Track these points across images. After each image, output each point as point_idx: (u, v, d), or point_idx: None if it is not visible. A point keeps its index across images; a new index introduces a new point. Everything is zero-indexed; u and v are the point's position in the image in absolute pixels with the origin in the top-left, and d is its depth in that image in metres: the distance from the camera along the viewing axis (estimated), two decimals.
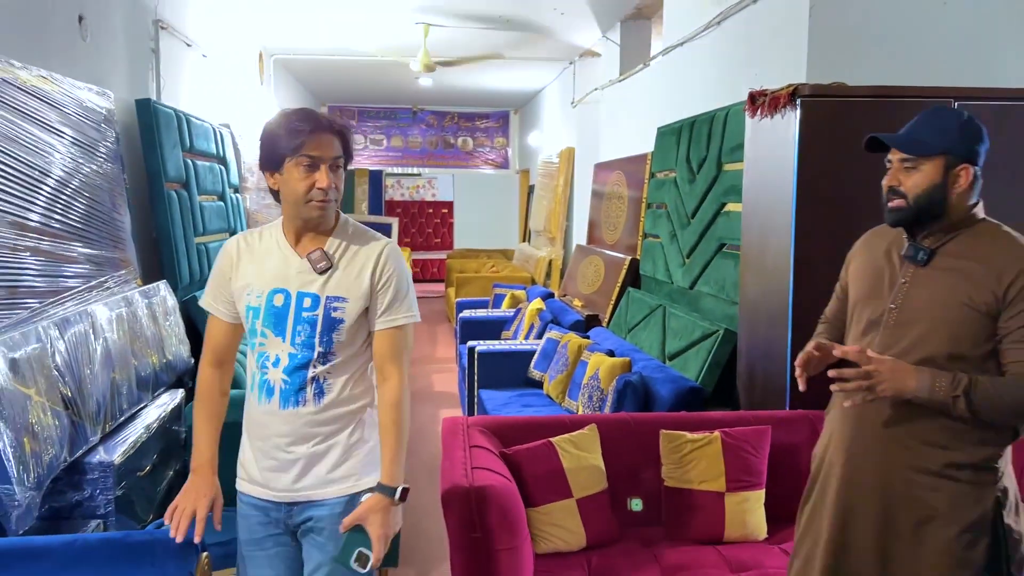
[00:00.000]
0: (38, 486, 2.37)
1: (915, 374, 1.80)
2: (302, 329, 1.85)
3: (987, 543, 1.83)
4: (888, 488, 1.89)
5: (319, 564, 1.88)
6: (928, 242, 1.89)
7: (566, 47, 8.14)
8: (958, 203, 1.87)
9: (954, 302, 1.82)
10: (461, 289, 9.41)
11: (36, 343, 2.59)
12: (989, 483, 1.83)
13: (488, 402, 4.71)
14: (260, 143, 1.87)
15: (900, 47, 3.51)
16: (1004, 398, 1.75)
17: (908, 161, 1.89)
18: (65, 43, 3.52)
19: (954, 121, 1.89)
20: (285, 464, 1.87)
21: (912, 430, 1.85)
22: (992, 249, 1.83)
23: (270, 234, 1.95)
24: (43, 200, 3.01)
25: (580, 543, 2.63)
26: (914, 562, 1.87)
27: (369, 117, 13.00)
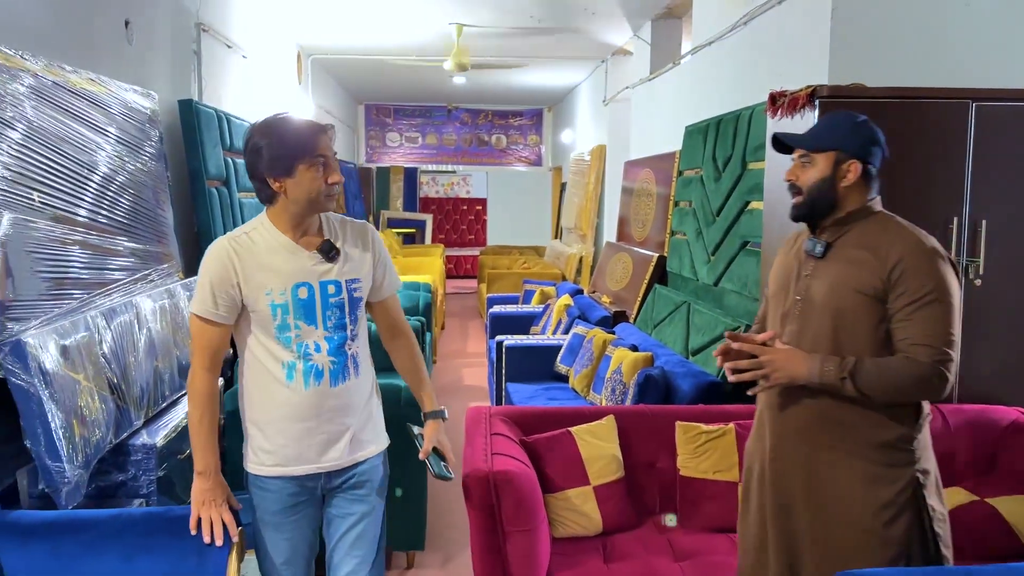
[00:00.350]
0: (86, 465, 2.53)
1: (806, 360, 1.93)
2: (331, 314, 2.04)
3: (908, 522, 1.92)
4: (810, 471, 2.00)
5: (362, 513, 2.14)
6: (826, 236, 2.01)
7: (598, 46, 8.22)
8: (847, 196, 1.98)
9: (847, 290, 1.93)
10: (492, 285, 9.53)
11: (85, 331, 2.76)
12: (905, 463, 1.93)
13: (515, 395, 4.82)
14: (259, 152, 1.97)
15: (922, 48, 3.54)
16: (887, 377, 1.86)
17: (804, 157, 2.02)
18: (112, 47, 3.69)
19: (848, 121, 2.01)
20: (336, 436, 2.07)
21: (826, 413, 1.96)
22: (881, 237, 1.93)
23: (260, 235, 2.04)
24: (91, 196, 3.18)
25: (596, 528, 2.73)
26: (838, 543, 1.97)
27: (405, 115, 13.19)
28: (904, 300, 1.88)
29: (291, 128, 1.99)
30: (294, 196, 1.99)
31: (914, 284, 1.87)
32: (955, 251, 3.14)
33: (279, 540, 2.11)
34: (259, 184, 2.02)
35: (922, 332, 1.86)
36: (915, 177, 3.14)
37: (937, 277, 1.88)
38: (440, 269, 9.91)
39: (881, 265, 1.90)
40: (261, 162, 1.98)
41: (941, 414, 3.06)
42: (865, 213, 2.00)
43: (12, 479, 2.45)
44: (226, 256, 2.01)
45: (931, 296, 1.86)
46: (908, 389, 1.88)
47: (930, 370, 1.85)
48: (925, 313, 1.86)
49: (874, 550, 1.93)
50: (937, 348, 1.86)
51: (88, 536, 2.03)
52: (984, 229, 3.14)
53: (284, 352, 2.03)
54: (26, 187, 2.70)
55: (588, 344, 4.69)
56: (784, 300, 2.09)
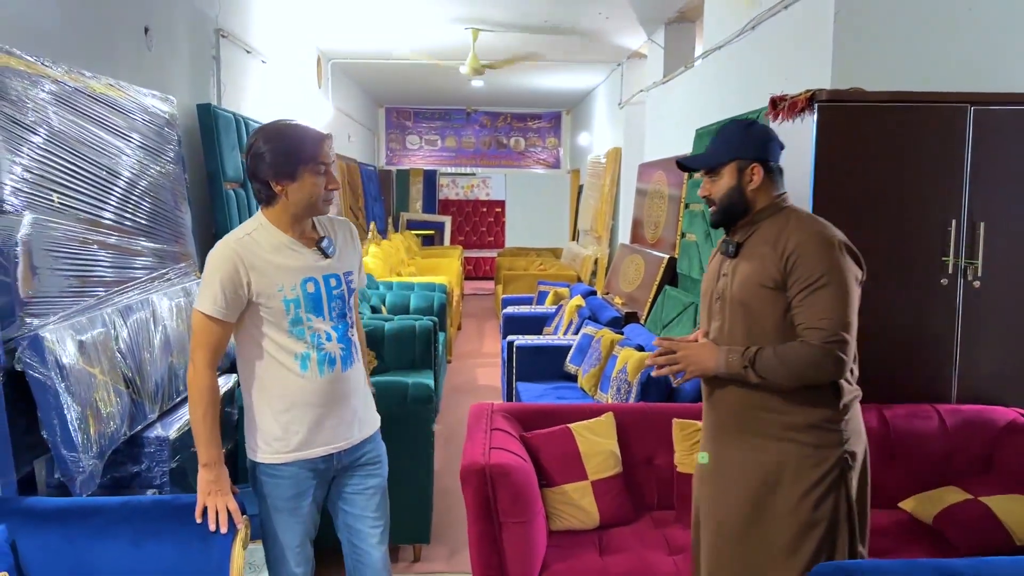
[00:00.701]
0: (100, 455, 2.64)
1: (714, 353, 2.05)
2: (335, 305, 2.21)
3: (834, 503, 2.01)
4: (744, 459, 2.10)
5: (377, 486, 2.34)
6: (737, 236, 2.14)
7: (614, 49, 8.27)
8: (756, 197, 2.11)
9: (752, 285, 2.05)
10: (508, 286, 9.61)
11: (101, 327, 2.87)
12: (831, 444, 2.02)
13: (524, 394, 4.89)
14: (262, 155, 2.09)
15: (924, 52, 3.57)
16: (784, 362, 1.96)
17: (710, 173, 2.15)
18: (132, 53, 3.82)
19: (739, 130, 2.14)
20: (347, 416, 2.24)
21: (754, 402, 2.07)
22: (781, 232, 2.05)
23: (262, 235, 2.16)
24: (110, 197, 3.29)
25: (594, 522, 2.80)
26: (768, 527, 2.06)
27: (424, 118, 13.32)
28: (798, 287, 1.99)
29: (297, 134, 2.12)
30: (295, 199, 2.12)
31: (806, 271, 1.98)
32: (953, 253, 3.17)
33: (293, 524, 2.23)
34: (260, 185, 2.13)
35: (814, 315, 1.97)
36: (914, 180, 3.18)
37: (828, 263, 1.97)
38: (457, 270, 10.00)
39: (779, 257, 2.02)
40: (264, 165, 2.09)
41: (938, 414, 3.10)
42: (772, 211, 2.11)
43: (29, 468, 2.56)
44: (235, 256, 2.10)
45: (822, 281, 1.96)
46: (804, 372, 1.97)
47: (821, 352, 1.95)
48: (816, 297, 1.97)
49: (803, 531, 2.02)
50: (827, 330, 1.95)
51: (99, 522, 2.12)
52: (982, 231, 3.17)
53: (297, 344, 2.15)
54: (47, 188, 2.81)
55: (596, 344, 4.75)
56: (709, 299, 2.23)
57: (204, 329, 2.13)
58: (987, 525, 2.69)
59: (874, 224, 3.18)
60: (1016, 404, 3.19)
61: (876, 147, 3.18)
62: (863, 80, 3.39)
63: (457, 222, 15.46)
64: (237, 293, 2.10)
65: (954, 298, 3.21)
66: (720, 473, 2.18)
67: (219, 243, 2.15)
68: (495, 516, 2.43)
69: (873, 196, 3.19)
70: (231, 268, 2.09)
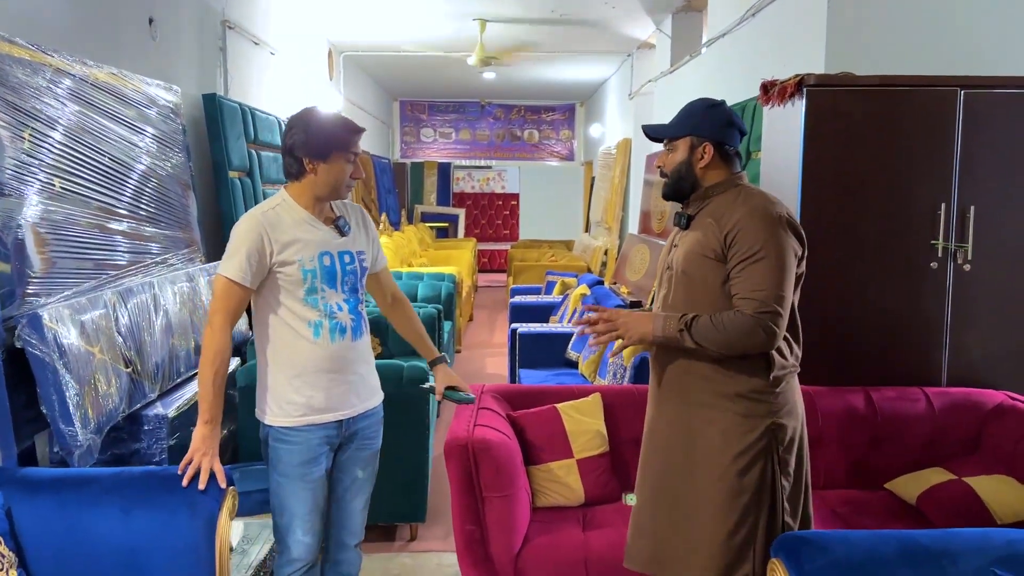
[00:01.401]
0: (98, 431, 2.72)
1: (651, 319, 2.10)
2: (347, 279, 2.35)
3: (760, 472, 2.05)
4: (678, 421, 2.16)
5: (370, 457, 2.47)
6: (690, 209, 2.19)
7: (623, 39, 8.29)
8: (706, 174, 2.16)
9: (695, 256, 2.10)
10: (518, 277, 9.66)
11: (102, 309, 2.95)
12: (759, 414, 2.07)
13: (526, 380, 4.95)
14: (308, 134, 2.25)
15: (916, 37, 3.58)
16: (718, 330, 2.00)
17: (669, 144, 2.21)
18: (136, 43, 3.90)
19: (701, 108, 2.18)
20: (355, 384, 2.37)
21: (691, 368, 2.12)
22: (728, 207, 2.09)
23: (284, 210, 2.31)
24: (114, 184, 3.38)
25: (579, 499, 2.85)
26: (696, 493, 2.11)
27: (438, 111, 13.39)
28: (736, 259, 2.04)
29: (337, 121, 2.32)
30: (322, 179, 2.28)
31: (745, 243, 2.02)
32: (943, 237, 3.18)
33: (303, 490, 2.31)
34: (292, 160, 2.29)
35: (748, 287, 2.02)
36: (904, 164, 3.18)
37: (766, 236, 2.02)
38: (469, 261, 10.06)
39: (721, 229, 2.07)
40: (301, 141, 2.26)
41: (926, 396, 3.11)
42: (725, 187, 2.15)
43: (30, 442, 2.65)
44: (260, 227, 2.26)
45: (760, 254, 2.01)
46: (736, 341, 2.01)
47: (752, 322, 1.99)
48: (752, 270, 2.01)
49: (728, 498, 2.07)
50: (760, 301, 1.99)
51: (91, 491, 2.20)
52: (972, 215, 3.17)
53: (311, 312, 2.29)
54: (48, 174, 2.90)
55: None
56: (660, 270, 2.29)
57: (226, 293, 2.25)
58: (968, 504, 2.71)
59: (864, 208, 3.20)
60: (1006, 387, 3.19)
61: (865, 131, 3.19)
62: (856, 64, 3.40)
63: (473, 215, 15.53)
64: (261, 262, 2.24)
65: (944, 281, 3.21)
66: (656, 434, 2.25)
67: (245, 216, 2.30)
68: (477, 490, 2.49)
69: (862, 180, 3.20)
70: (256, 237, 2.24)
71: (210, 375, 2.23)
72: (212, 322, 2.26)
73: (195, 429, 2.25)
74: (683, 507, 2.15)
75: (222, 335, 2.25)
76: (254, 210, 2.33)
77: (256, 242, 2.24)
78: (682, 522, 2.15)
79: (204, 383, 2.24)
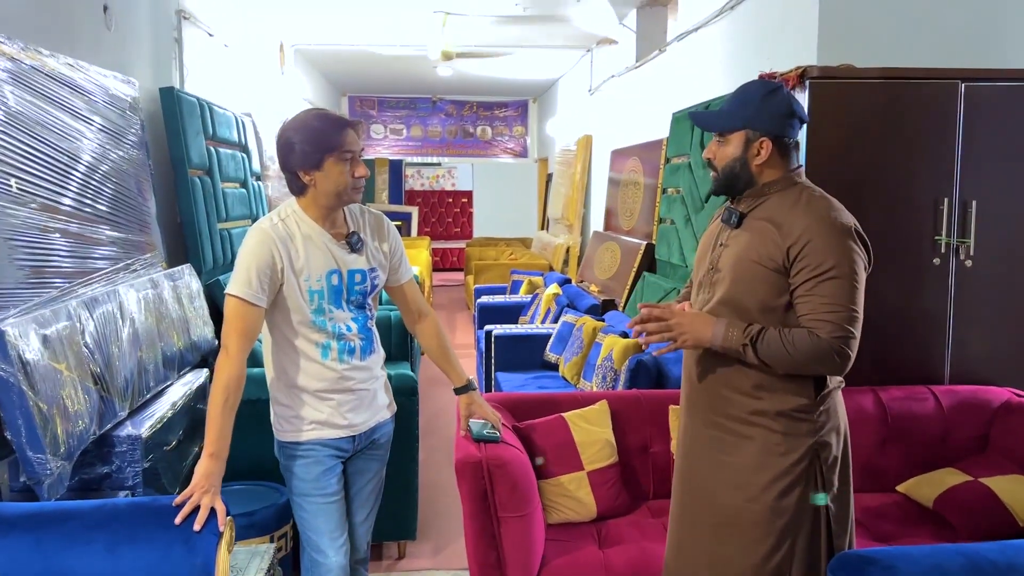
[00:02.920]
0: (69, 457, 2.48)
1: (712, 324, 1.93)
2: (354, 299, 2.23)
3: (800, 495, 1.91)
4: (717, 440, 2.00)
5: (377, 470, 2.39)
6: (743, 206, 2.01)
7: (583, 35, 8.17)
8: (762, 171, 1.98)
9: (747, 259, 1.94)
10: (480, 276, 9.49)
11: (66, 321, 2.69)
12: (801, 433, 1.92)
13: (505, 384, 4.79)
14: (291, 146, 2.11)
15: (911, 28, 3.53)
16: (788, 349, 1.85)
17: (720, 136, 2.02)
18: (91, 32, 3.62)
19: (757, 96, 1.98)
20: (365, 401, 2.27)
21: (727, 380, 1.97)
22: (790, 211, 1.92)
23: (294, 223, 2.18)
24: (72, 184, 3.11)
25: (591, 514, 2.71)
26: (728, 513, 1.97)
27: (389, 107, 13.10)
28: (805, 275, 1.87)
29: (321, 124, 2.13)
30: (323, 189, 2.13)
31: (815, 259, 1.86)
32: (945, 232, 3.13)
33: (324, 506, 2.23)
34: (290, 176, 2.16)
35: (822, 307, 1.85)
36: (905, 158, 3.13)
37: (839, 253, 1.86)
38: (427, 260, 9.86)
39: (784, 239, 1.90)
40: (293, 156, 2.12)
41: (934, 395, 3.06)
42: (783, 184, 1.98)
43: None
44: (270, 241, 2.12)
45: (832, 272, 1.85)
46: (807, 363, 1.86)
47: (828, 346, 1.84)
48: (824, 288, 1.85)
49: (765, 521, 1.93)
50: (836, 324, 1.84)
51: (72, 527, 1.97)
52: (974, 210, 3.13)
53: (318, 334, 2.18)
54: (3, 173, 2.63)
55: (578, 332, 4.66)
56: (701, 268, 2.12)
57: (238, 314, 2.10)
58: (990, 507, 2.65)
59: (865, 203, 3.10)
60: (1009, 383, 3.16)
61: (867, 124, 3.12)
62: (850, 57, 3.32)
63: (423, 213, 15.28)
64: (271, 278, 2.11)
65: (946, 277, 3.16)
66: (687, 448, 2.11)
67: (252, 229, 2.16)
68: (493, 510, 2.32)
69: (864, 174, 3.13)
70: (266, 252, 2.11)
71: (220, 402, 2.05)
72: (227, 347, 2.08)
73: (198, 462, 2.04)
74: (714, 527, 2.01)
75: (238, 361, 2.08)
76: (262, 222, 2.17)
77: (265, 257, 2.10)
78: (714, 544, 2.01)
79: (213, 412, 2.05)
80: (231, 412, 2.07)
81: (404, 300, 2.43)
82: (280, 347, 2.21)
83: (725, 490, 1.99)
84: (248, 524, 2.88)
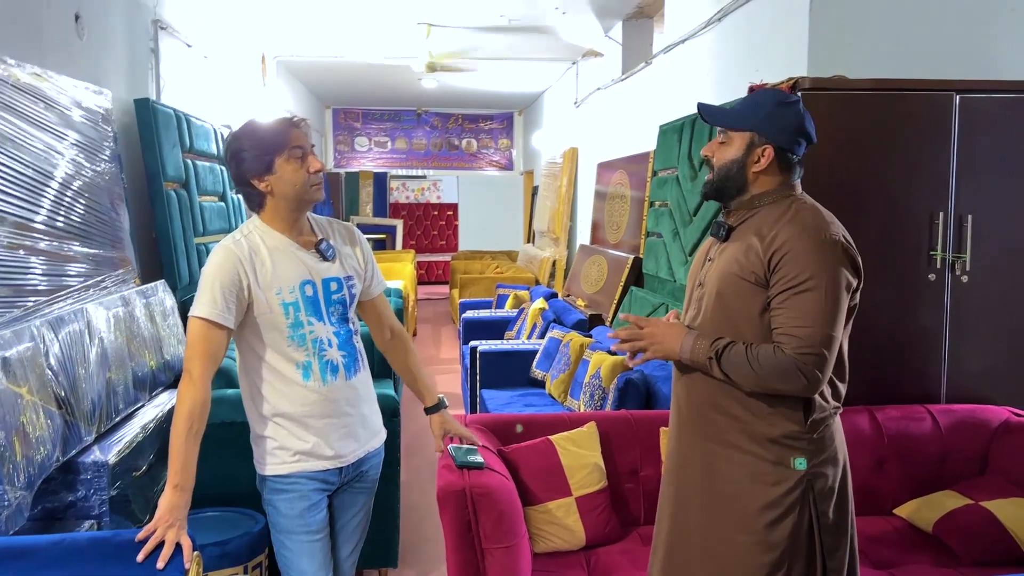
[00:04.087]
0: (29, 486, 2.35)
1: (680, 335, 1.86)
2: (334, 310, 2.10)
3: (793, 525, 1.80)
4: (705, 464, 1.90)
5: (364, 502, 2.25)
6: (732, 219, 1.92)
7: (569, 47, 8.11)
8: (757, 180, 1.89)
9: (730, 274, 1.85)
10: (465, 290, 9.38)
11: (29, 342, 2.57)
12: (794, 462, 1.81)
13: (490, 402, 4.68)
14: (240, 156, 2.02)
15: (902, 40, 3.46)
16: (751, 365, 1.76)
17: (723, 134, 1.92)
18: (61, 41, 3.50)
19: (771, 103, 1.89)
20: (352, 428, 2.13)
21: (717, 404, 1.87)
22: (775, 223, 1.83)
23: (258, 238, 2.07)
24: (40, 199, 2.99)
25: (579, 542, 2.59)
26: (715, 545, 1.87)
27: (373, 119, 13.00)
28: (780, 287, 1.78)
29: (262, 127, 2.05)
30: (281, 192, 2.03)
31: (792, 270, 1.76)
32: (941, 247, 3.06)
33: (308, 545, 2.09)
34: (247, 189, 2.06)
35: (791, 321, 1.76)
36: (898, 171, 3.06)
37: (818, 265, 1.75)
38: (411, 274, 9.74)
39: (765, 250, 1.80)
40: (244, 165, 2.02)
41: (931, 415, 2.97)
42: (774, 197, 1.88)
43: None
44: (235, 258, 2.01)
45: (807, 284, 1.75)
46: (770, 380, 1.76)
47: (791, 363, 1.74)
48: (796, 301, 1.76)
49: (753, 553, 1.82)
50: (804, 340, 1.74)
51: (26, 565, 1.84)
52: (970, 224, 3.06)
53: (297, 352, 2.05)
54: None
55: (565, 348, 4.56)
56: (692, 285, 2.03)
57: (202, 337, 1.97)
58: (991, 532, 2.56)
59: (859, 217, 3.03)
60: (1006, 402, 3.08)
61: (860, 136, 3.05)
62: (841, 68, 3.26)
63: (408, 226, 15.16)
64: (238, 296, 2.00)
65: (942, 293, 3.09)
66: (677, 475, 1.99)
67: (216, 248, 2.05)
68: (477, 542, 2.21)
69: (857, 188, 3.05)
70: (231, 269, 2.00)
71: (184, 431, 1.92)
72: (190, 371, 1.95)
73: (162, 495, 1.91)
74: (699, 560, 1.90)
75: (202, 386, 1.95)
76: (225, 240, 2.06)
77: (230, 274, 1.99)
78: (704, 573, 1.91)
79: (176, 442, 1.92)
80: (196, 441, 1.94)
81: (376, 315, 2.30)
82: (256, 371, 2.08)
83: (712, 519, 1.89)
84: (221, 554, 2.74)
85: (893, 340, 3.09)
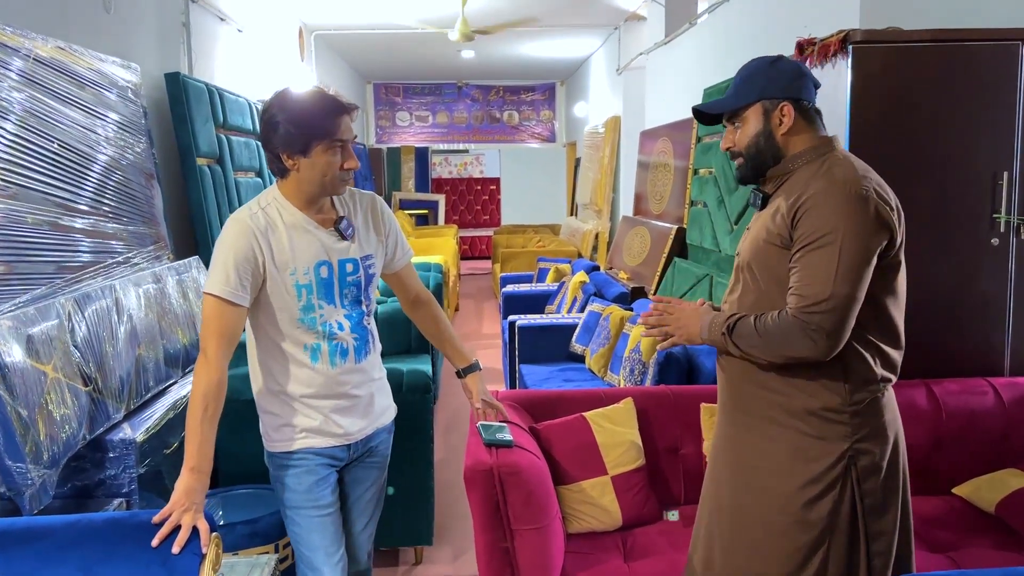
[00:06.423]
0: (53, 464, 2.32)
1: (698, 317, 1.79)
2: (347, 292, 2.03)
3: (833, 503, 1.69)
4: (743, 441, 1.82)
5: (376, 478, 2.21)
6: (768, 187, 1.82)
7: (610, 11, 7.90)
8: (789, 142, 1.78)
9: (761, 240, 1.74)
10: (506, 264, 9.28)
11: (54, 319, 2.54)
12: (836, 437, 1.70)
13: (528, 377, 4.58)
14: (276, 125, 1.90)
15: None
16: (758, 332, 1.68)
17: (732, 121, 1.83)
18: (87, 15, 3.46)
19: (762, 66, 1.81)
20: (361, 407, 2.08)
21: (754, 379, 1.77)
22: (807, 182, 1.71)
23: (276, 212, 1.98)
24: (67, 174, 2.95)
25: (616, 523, 2.49)
26: (754, 519, 1.77)
27: (414, 94, 12.91)
28: (798, 244, 1.68)
29: (312, 105, 1.92)
30: (307, 176, 1.94)
31: (811, 225, 1.65)
32: (1005, 209, 2.85)
33: (318, 520, 2.05)
34: (272, 157, 1.96)
35: (800, 280, 1.65)
36: (959, 129, 2.86)
37: (837, 218, 1.63)
38: (453, 249, 9.66)
39: (790, 209, 1.69)
40: (276, 136, 1.91)
41: (993, 388, 2.79)
42: (811, 156, 1.76)
43: None
44: (250, 232, 1.93)
45: (824, 240, 1.63)
46: (777, 345, 1.67)
47: (793, 324, 1.64)
48: (810, 258, 1.65)
49: (788, 534, 1.72)
50: (806, 297, 1.63)
51: (43, 547, 1.80)
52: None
53: (307, 334, 1.99)
54: None
55: (604, 322, 4.44)
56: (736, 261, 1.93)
57: (216, 314, 1.89)
58: None
59: (915, 179, 2.86)
60: None
61: (916, 92, 2.85)
62: (895, 19, 3.05)
63: (451, 201, 15.09)
64: (252, 273, 1.92)
65: (1006, 259, 2.89)
66: (716, 450, 1.92)
67: (230, 219, 1.97)
68: (506, 522, 2.11)
69: (913, 148, 2.86)
70: (245, 245, 1.91)
71: (200, 412, 1.85)
72: (205, 351, 1.89)
73: (179, 478, 1.85)
74: (738, 539, 1.81)
75: (217, 365, 1.88)
76: (240, 212, 1.97)
77: (244, 250, 1.90)
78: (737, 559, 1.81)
79: (192, 423, 1.85)
80: (212, 422, 1.88)
81: (402, 285, 2.25)
82: (266, 350, 2.02)
83: (752, 496, 1.80)
84: (251, 532, 2.70)
85: (952, 309, 2.91)
